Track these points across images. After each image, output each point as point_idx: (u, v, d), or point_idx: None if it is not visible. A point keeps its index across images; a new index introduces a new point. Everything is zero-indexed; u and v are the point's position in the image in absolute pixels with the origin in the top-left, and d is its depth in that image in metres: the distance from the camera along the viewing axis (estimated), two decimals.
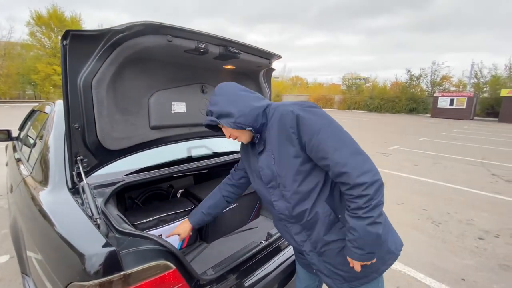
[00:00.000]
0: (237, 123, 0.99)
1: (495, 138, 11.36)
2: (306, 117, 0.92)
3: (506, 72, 25.09)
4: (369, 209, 0.85)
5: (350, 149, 0.88)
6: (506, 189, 4.72)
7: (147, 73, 1.40)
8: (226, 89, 1.07)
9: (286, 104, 0.99)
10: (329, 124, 0.92)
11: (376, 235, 0.88)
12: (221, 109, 1.02)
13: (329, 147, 0.88)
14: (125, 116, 1.35)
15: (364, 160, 0.87)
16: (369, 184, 0.84)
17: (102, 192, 1.33)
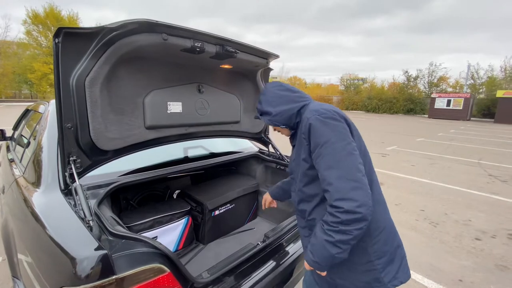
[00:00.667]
0: (273, 121, 1.10)
1: (491, 139, 11.43)
2: (317, 127, 0.94)
3: (501, 73, 25.32)
4: (333, 230, 0.87)
5: (340, 173, 0.87)
6: (503, 190, 4.74)
7: (142, 72, 1.37)
8: (268, 89, 1.14)
9: (309, 110, 1.01)
10: (336, 141, 0.91)
11: (329, 254, 0.90)
12: (262, 108, 1.13)
13: (324, 163, 0.90)
14: (120, 116, 1.32)
15: (352, 188, 0.85)
16: (345, 211, 0.84)
17: (96, 193, 1.31)
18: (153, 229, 1.52)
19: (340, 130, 0.93)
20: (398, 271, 1.01)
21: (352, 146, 0.92)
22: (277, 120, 1.09)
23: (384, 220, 1.02)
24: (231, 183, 2.05)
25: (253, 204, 2.14)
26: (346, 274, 1.02)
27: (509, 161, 7.13)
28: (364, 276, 0.99)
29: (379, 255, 0.98)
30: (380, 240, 0.98)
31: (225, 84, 1.85)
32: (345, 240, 0.87)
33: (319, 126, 0.93)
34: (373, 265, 0.98)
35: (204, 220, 1.74)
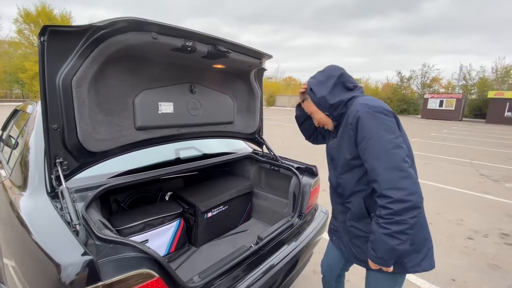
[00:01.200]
0: (316, 102, 1.15)
1: (483, 139, 11.61)
2: (366, 120, 0.98)
3: (493, 74, 25.77)
4: (389, 222, 0.91)
5: (390, 163, 0.91)
6: (494, 189, 4.81)
7: (132, 72, 1.35)
8: (327, 70, 1.16)
9: (358, 103, 1.04)
10: (384, 134, 0.95)
11: (389, 246, 0.93)
12: (313, 83, 1.16)
13: (373, 154, 0.95)
14: (109, 117, 1.29)
15: (400, 178, 0.90)
16: (395, 200, 0.88)
17: (84, 196, 1.27)
18: (144, 232, 1.49)
19: (389, 124, 0.97)
20: (423, 260, 1.09)
21: (400, 140, 0.96)
22: (320, 103, 1.14)
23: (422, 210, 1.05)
24: (225, 184, 2.03)
25: (247, 205, 2.12)
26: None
27: (500, 161, 7.25)
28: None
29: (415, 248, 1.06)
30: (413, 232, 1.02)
31: (218, 84, 1.83)
32: (402, 230, 0.90)
33: (369, 120, 0.97)
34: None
35: (197, 223, 1.71)
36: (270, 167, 2.11)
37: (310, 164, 1.92)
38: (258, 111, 2.06)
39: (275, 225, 1.57)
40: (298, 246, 1.54)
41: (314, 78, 1.19)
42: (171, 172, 1.61)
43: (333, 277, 1.46)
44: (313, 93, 1.15)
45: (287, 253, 1.45)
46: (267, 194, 2.17)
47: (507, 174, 5.91)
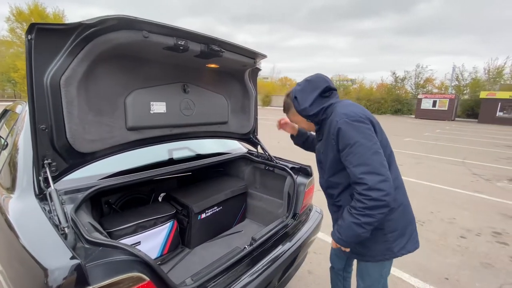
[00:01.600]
0: (298, 111, 1.26)
1: (475, 139, 11.79)
2: (345, 130, 1.08)
3: (485, 75, 26.18)
4: (360, 213, 1.05)
5: (369, 168, 1.02)
6: (486, 188, 4.88)
7: (123, 71, 1.32)
8: (314, 79, 1.25)
9: (338, 112, 1.14)
10: (364, 142, 1.05)
11: (355, 233, 1.09)
12: (298, 91, 1.25)
13: (354, 161, 1.05)
14: (99, 117, 1.27)
15: (379, 181, 1.01)
16: (372, 198, 1.01)
17: (74, 198, 1.24)
18: (136, 234, 1.46)
19: (367, 132, 1.07)
20: (407, 243, 1.22)
21: (378, 146, 1.07)
22: (301, 112, 1.25)
23: (399, 200, 1.20)
24: (219, 185, 2.01)
25: (242, 206, 2.10)
26: (368, 244, 1.22)
27: (492, 160, 7.36)
28: (379, 245, 1.20)
29: (392, 230, 1.18)
30: (393, 218, 1.18)
31: (212, 84, 1.81)
32: (369, 222, 1.05)
33: (349, 130, 1.07)
34: (386, 238, 1.19)
35: (190, 224, 1.69)
36: (265, 167, 2.10)
37: (305, 164, 1.92)
38: (252, 111, 2.05)
39: (269, 225, 1.56)
40: (293, 246, 1.53)
41: (299, 85, 1.27)
42: (164, 173, 1.59)
43: (341, 267, 1.58)
44: (297, 101, 1.25)
45: (282, 254, 1.44)
46: (261, 195, 2.16)
47: (499, 173, 6.01)
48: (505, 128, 17.42)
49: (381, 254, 1.22)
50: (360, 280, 1.36)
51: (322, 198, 1.47)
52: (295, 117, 1.34)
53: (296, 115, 1.31)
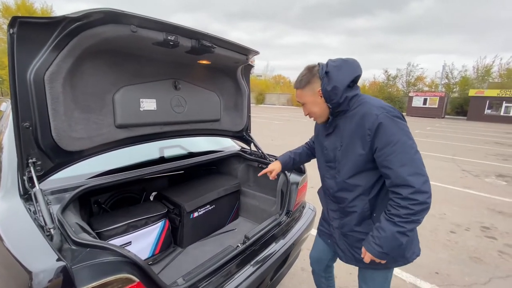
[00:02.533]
0: (324, 90, 1.06)
1: (464, 136, 12.04)
2: (388, 125, 0.98)
3: (474, 73, 26.73)
4: (406, 221, 0.96)
5: (414, 169, 0.95)
6: (475, 184, 4.99)
7: (112, 67, 1.28)
8: (351, 62, 1.09)
9: (373, 105, 1.04)
10: (406, 140, 0.98)
11: (400, 243, 0.99)
12: (333, 67, 1.05)
13: (398, 161, 0.96)
14: (86, 114, 1.23)
15: (424, 182, 0.95)
16: (419, 202, 0.93)
17: (60, 198, 1.21)
18: (127, 234, 1.43)
19: (407, 129, 1.01)
20: (415, 246, 1.17)
21: (416, 144, 1.00)
22: (329, 93, 1.06)
23: None
24: (211, 183, 1.99)
25: (235, 204, 2.09)
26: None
27: (480, 156, 7.53)
28: (394, 254, 1.10)
29: (410, 239, 1.09)
30: None
31: (204, 81, 1.78)
32: (413, 228, 0.98)
33: (391, 126, 0.98)
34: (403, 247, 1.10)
35: (182, 223, 1.67)
36: (258, 165, 2.09)
37: None
38: (245, 109, 2.03)
39: (262, 223, 1.55)
40: (286, 243, 1.53)
41: (335, 62, 1.07)
42: (155, 172, 1.56)
43: (321, 269, 1.52)
44: (328, 79, 1.04)
45: (275, 251, 1.43)
46: (255, 193, 2.15)
47: (487, 169, 6.15)
48: (493, 125, 17.84)
49: (394, 261, 1.15)
50: (363, 284, 1.29)
51: (315, 195, 1.46)
52: (311, 96, 1.11)
53: (314, 95, 1.10)
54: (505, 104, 20.16)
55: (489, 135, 12.63)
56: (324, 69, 1.06)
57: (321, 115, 1.15)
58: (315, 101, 1.12)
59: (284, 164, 1.53)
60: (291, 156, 1.53)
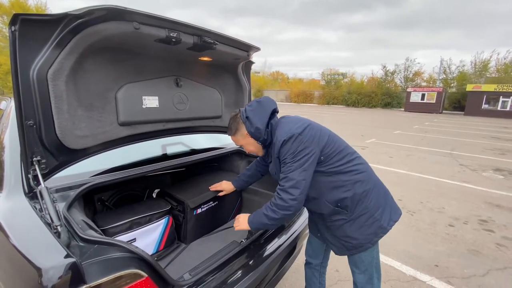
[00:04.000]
0: (250, 132, 1.26)
1: (462, 131, 12.11)
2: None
3: (472, 68, 26.76)
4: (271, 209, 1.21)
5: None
6: (473, 178, 5.04)
7: (114, 64, 1.28)
8: (264, 101, 1.30)
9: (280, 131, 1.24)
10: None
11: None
12: (250, 111, 1.26)
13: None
14: (89, 112, 1.23)
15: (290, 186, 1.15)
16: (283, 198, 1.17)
17: (65, 196, 1.21)
18: (131, 231, 1.44)
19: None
20: (391, 214, 1.29)
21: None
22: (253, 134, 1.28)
23: (371, 181, 1.26)
24: (213, 180, 1.99)
25: (237, 200, 2.10)
26: (358, 234, 1.25)
27: (477, 151, 7.59)
28: (369, 228, 1.24)
29: (377, 208, 1.24)
30: (374, 196, 1.24)
31: (205, 78, 1.78)
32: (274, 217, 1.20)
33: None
34: (375, 218, 1.23)
35: (186, 219, 1.68)
36: None
37: None
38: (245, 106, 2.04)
39: None
40: (289, 238, 1.54)
41: (250, 106, 1.28)
42: (158, 169, 1.57)
43: (318, 263, 1.63)
44: (249, 122, 1.24)
45: (279, 246, 1.45)
46: (257, 189, 2.16)
47: (484, 163, 6.20)
48: (490, 120, 17.94)
49: (375, 235, 1.25)
50: (355, 268, 1.39)
51: None
52: (243, 140, 1.33)
53: (244, 138, 1.31)
54: (502, 99, 20.23)
55: (486, 130, 12.71)
56: (244, 115, 1.26)
57: (258, 150, 1.38)
58: (248, 142, 1.32)
59: (239, 188, 1.75)
60: (244, 179, 1.70)
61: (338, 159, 1.23)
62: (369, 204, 1.23)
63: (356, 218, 1.23)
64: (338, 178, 1.22)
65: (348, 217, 1.24)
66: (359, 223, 1.24)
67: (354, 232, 1.25)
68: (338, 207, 1.25)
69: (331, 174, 1.22)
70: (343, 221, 1.26)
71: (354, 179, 1.22)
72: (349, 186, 1.21)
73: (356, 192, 1.21)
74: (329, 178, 1.22)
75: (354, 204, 1.22)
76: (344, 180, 1.22)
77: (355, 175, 1.23)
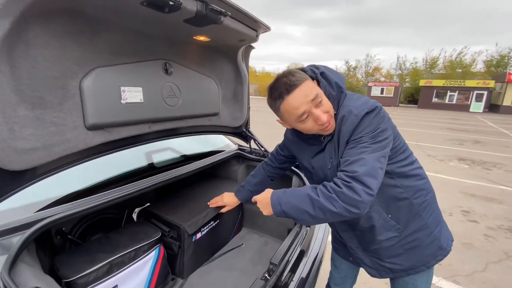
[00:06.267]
0: (327, 91, 0.90)
1: (420, 122, 13.03)
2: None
3: (423, 65, 29.17)
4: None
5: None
6: (443, 169, 5.30)
7: (77, 38, 0.85)
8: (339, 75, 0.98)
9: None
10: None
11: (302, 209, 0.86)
12: (325, 68, 0.95)
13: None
14: (38, 111, 0.79)
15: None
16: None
17: (6, 245, 0.77)
18: (111, 276, 1.03)
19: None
20: (448, 234, 1.06)
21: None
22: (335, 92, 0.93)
23: (432, 191, 1.03)
24: (210, 191, 1.62)
25: (238, 214, 1.76)
26: (412, 256, 1.00)
27: (439, 141, 8.15)
28: (426, 249, 0.99)
29: (436, 224, 1.00)
30: (434, 209, 1.01)
31: (199, 64, 1.39)
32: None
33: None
34: (434, 236, 0.99)
35: (183, 249, 1.29)
36: None
37: None
38: (245, 100, 1.69)
39: (284, 242, 1.25)
40: (317, 259, 1.27)
41: (319, 68, 0.96)
42: (144, 188, 1.16)
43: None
44: (326, 77, 0.91)
45: (308, 270, 1.17)
46: None
47: (449, 153, 6.63)
48: (440, 112, 19.75)
49: (433, 257, 1.02)
50: None
51: None
52: (316, 88, 0.90)
53: (316, 87, 0.91)
54: (449, 93, 22.42)
55: (440, 121, 13.86)
56: (317, 71, 0.94)
57: (330, 109, 0.89)
58: (322, 92, 0.88)
59: (244, 201, 1.37)
60: (250, 189, 1.31)
61: (404, 158, 0.95)
62: (428, 219, 0.99)
63: (410, 235, 0.98)
64: (400, 182, 0.94)
65: (400, 233, 0.98)
66: (414, 243, 0.99)
67: (406, 251, 1.00)
68: (390, 218, 0.98)
69: (393, 175, 0.93)
70: (394, 240, 0.99)
71: (417, 187, 0.97)
72: (410, 193, 0.96)
73: (415, 203, 0.96)
74: (390, 181, 0.93)
75: (411, 216, 0.97)
76: (406, 186, 0.95)
77: (418, 181, 0.98)
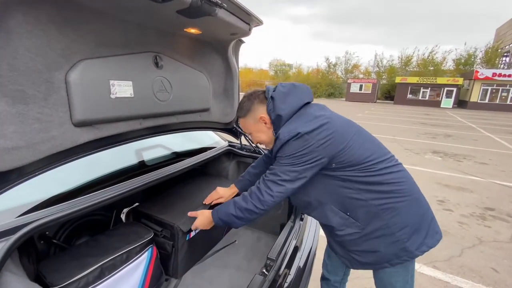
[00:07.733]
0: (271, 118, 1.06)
1: (396, 118, 13.63)
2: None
3: (399, 63, 30.36)
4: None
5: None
6: (419, 161, 5.59)
7: (62, 28, 0.78)
8: (301, 89, 1.09)
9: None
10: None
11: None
12: (279, 95, 1.05)
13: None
14: (21, 106, 0.72)
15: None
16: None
17: None
18: (103, 281, 0.98)
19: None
20: (426, 238, 1.06)
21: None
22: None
23: (410, 193, 1.04)
24: (201, 189, 1.59)
25: None
26: (378, 248, 1.04)
27: (414, 135, 8.58)
28: (391, 247, 1.02)
29: (401, 227, 1.01)
30: (400, 213, 1.01)
31: (190, 57, 1.35)
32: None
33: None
34: (397, 238, 1.01)
35: (177, 248, 1.25)
36: (253, 162, 1.77)
37: None
38: (236, 95, 1.66)
39: (280, 237, 1.26)
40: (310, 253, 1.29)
41: (284, 87, 1.07)
42: (135, 188, 1.11)
43: (338, 280, 1.40)
44: (273, 104, 1.03)
45: (303, 263, 1.18)
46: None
47: (423, 147, 6.99)
48: (415, 108, 20.74)
49: (397, 256, 1.04)
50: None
51: None
52: (255, 125, 1.11)
53: (257, 123, 1.09)
54: (422, 90, 23.60)
55: (414, 116, 14.57)
56: (270, 93, 1.06)
57: (269, 141, 1.13)
58: (259, 129, 1.11)
59: (242, 190, 1.37)
60: (249, 179, 1.39)
61: (363, 168, 0.99)
62: (389, 220, 1.01)
63: (370, 233, 1.03)
64: (355, 186, 1.00)
65: (361, 230, 1.03)
66: (376, 240, 1.03)
67: (368, 246, 1.05)
68: (349, 216, 1.04)
69: (345, 180, 1.00)
70: (356, 235, 1.05)
71: (379, 191, 1.00)
72: (366, 195, 1.00)
73: (373, 204, 1.00)
74: (343, 184, 1.01)
75: (370, 216, 1.01)
76: (361, 189, 1.00)
77: (381, 186, 1.01)
